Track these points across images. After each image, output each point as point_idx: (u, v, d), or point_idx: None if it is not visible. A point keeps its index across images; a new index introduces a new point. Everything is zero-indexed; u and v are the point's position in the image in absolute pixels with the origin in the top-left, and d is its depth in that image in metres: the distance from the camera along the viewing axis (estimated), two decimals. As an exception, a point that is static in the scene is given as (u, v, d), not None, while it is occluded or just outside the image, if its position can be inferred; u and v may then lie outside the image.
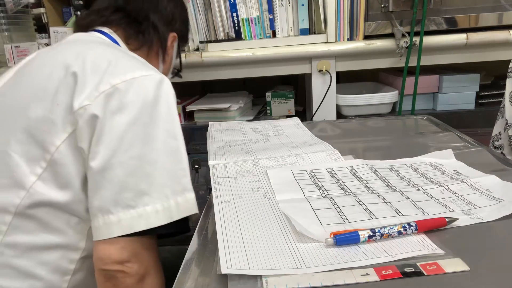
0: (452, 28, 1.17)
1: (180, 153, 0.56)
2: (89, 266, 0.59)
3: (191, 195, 0.56)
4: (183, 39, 0.86)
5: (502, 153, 0.88)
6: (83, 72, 0.56)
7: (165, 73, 0.82)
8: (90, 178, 0.54)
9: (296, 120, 0.98)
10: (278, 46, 1.22)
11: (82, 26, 0.73)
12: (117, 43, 0.71)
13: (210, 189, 0.60)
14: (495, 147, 0.92)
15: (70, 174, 0.55)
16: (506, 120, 0.88)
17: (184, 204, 0.55)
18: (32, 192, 0.54)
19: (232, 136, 0.86)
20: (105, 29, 0.71)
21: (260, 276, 0.38)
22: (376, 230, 0.43)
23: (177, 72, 0.93)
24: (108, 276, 0.53)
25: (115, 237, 0.52)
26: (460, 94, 1.26)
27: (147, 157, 0.54)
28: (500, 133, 0.92)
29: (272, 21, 1.25)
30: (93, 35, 0.70)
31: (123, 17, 0.73)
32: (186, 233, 0.59)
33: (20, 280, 0.56)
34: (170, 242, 0.69)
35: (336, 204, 0.51)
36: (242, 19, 1.24)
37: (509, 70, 0.89)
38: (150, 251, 0.56)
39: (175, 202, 0.55)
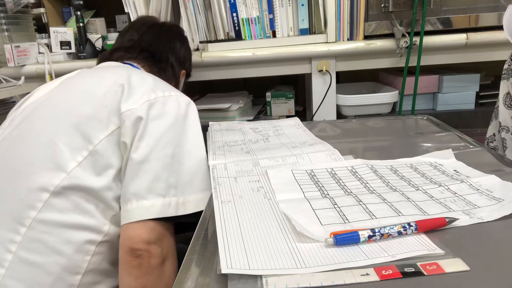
0: (452, 28, 1.17)
1: (203, 160, 0.68)
2: (105, 251, 0.65)
3: (208, 194, 0.63)
4: (188, 75, 1.07)
5: None
6: (129, 84, 0.68)
7: None
8: (129, 168, 0.63)
9: (296, 120, 0.98)
10: (278, 46, 1.22)
11: (111, 60, 0.87)
12: None
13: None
14: (490, 148, 0.91)
15: (107, 164, 0.64)
16: (500, 122, 0.88)
17: (204, 199, 0.64)
18: (71, 175, 0.62)
19: (232, 136, 0.86)
20: (134, 63, 0.87)
21: (260, 276, 0.38)
22: (376, 230, 0.43)
23: None
24: (136, 255, 0.59)
25: (146, 219, 0.60)
26: (460, 94, 1.26)
27: (177, 157, 0.65)
28: (494, 135, 0.91)
29: (272, 21, 1.25)
30: (127, 66, 0.83)
31: (148, 56, 0.89)
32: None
33: (46, 256, 0.61)
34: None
35: (336, 204, 0.51)
36: (242, 19, 1.24)
37: (503, 72, 0.89)
38: (171, 237, 0.64)
39: (196, 197, 0.65)
